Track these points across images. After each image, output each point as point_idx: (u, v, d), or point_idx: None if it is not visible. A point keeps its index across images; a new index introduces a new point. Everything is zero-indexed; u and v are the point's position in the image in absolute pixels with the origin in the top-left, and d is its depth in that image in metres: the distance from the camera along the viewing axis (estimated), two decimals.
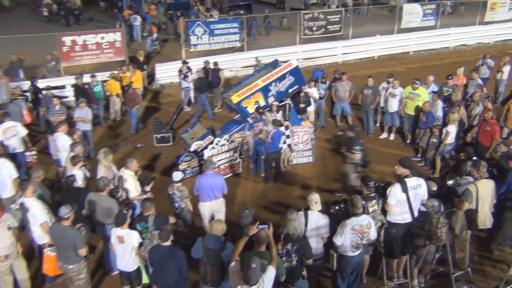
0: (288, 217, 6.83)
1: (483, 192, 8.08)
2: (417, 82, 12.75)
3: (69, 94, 16.43)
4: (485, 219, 8.24)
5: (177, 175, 8.67)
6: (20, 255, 7.71)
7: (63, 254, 7.28)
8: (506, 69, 15.81)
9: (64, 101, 15.54)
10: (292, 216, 6.83)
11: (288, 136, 11.84)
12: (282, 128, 11.48)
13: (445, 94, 13.15)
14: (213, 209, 8.97)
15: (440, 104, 12.35)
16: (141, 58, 17.65)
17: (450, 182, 8.37)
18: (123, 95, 14.96)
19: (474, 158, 9.57)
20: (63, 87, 16.97)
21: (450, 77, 13.65)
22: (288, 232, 6.78)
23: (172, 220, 7.92)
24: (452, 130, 11.33)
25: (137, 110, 14.48)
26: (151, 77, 19.14)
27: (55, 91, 15.16)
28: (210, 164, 8.97)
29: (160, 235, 6.78)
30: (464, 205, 7.90)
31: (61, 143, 10.59)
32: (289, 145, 12.04)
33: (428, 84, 13.51)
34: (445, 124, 11.74)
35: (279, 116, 12.05)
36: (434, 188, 7.90)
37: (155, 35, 23.55)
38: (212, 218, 9.01)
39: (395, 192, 7.30)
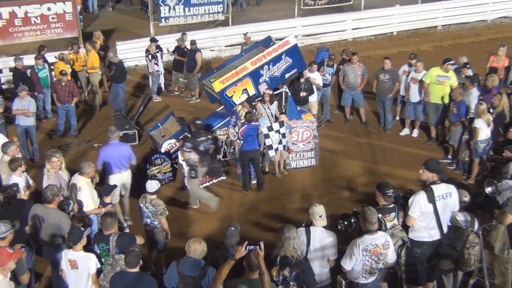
0: (286, 235, 6.83)
1: None
2: (451, 62, 12.84)
3: (7, 80, 16.32)
4: None
5: (152, 185, 8.64)
6: None
7: None
8: None
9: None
10: (291, 233, 6.83)
11: (284, 135, 11.90)
12: (274, 128, 11.62)
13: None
14: (123, 181, 10.11)
15: (475, 92, 12.40)
16: (99, 42, 17.25)
17: (488, 190, 8.40)
18: (52, 86, 14.34)
19: None
20: None
21: (468, 65, 13.56)
22: (285, 254, 6.80)
23: (139, 240, 7.91)
24: (480, 125, 11.38)
25: (75, 105, 14.36)
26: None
27: None
28: (113, 133, 10.17)
29: (128, 260, 6.74)
30: (506, 218, 7.95)
31: None
32: (285, 146, 12.09)
33: (461, 67, 13.61)
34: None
35: (273, 107, 12.09)
36: (466, 198, 7.96)
37: (78, 7, 23.09)
38: (120, 196, 9.98)
39: (419, 203, 7.35)
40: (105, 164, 10.00)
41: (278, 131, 11.81)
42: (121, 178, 10.14)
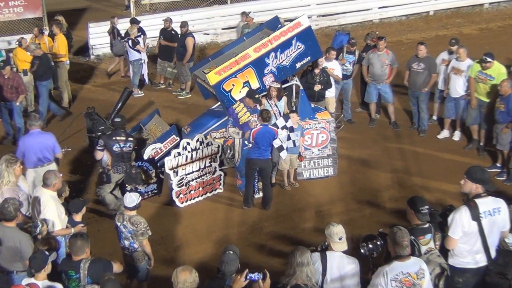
0: (299, 260, 6.81)
1: None
2: (488, 58, 12.77)
3: None
4: None
5: (131, 199, 8.64)
6: None
7: None
8: None
9: None
10: (304, 258, 6.80)
11: (291, 129, 11.84)
12: (278, 124, 11.63)
13: None
14: None
15: None
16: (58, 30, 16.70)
17: None
18: None
19: None
20: None
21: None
22: (297, 282, 6.80)
23: (116, 268, 7.91)
24: None
25: (21, 104, 14.34)
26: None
27: None
28: (36, 120, 10.80)
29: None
30: None
31: None
32: (295, 142, 12.03)
33: None
34: None
35: (281, 104, 12.10)
36: None
37: None
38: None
39: (460, 221, 7.34)
40: (26, 156, 10.36)
41: (285, 127, 11.80)
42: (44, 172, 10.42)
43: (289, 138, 11.88)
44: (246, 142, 11.40)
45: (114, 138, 10.93)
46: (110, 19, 17.72)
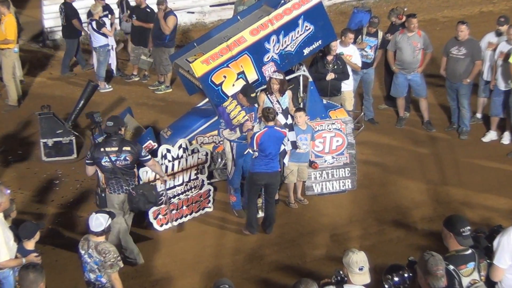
0: None
1: None
2: None
3: None
4: None
5: (98, 222, 8.60)
6: None
7: None
8: None
9: None
10: None
11: (291, 127, 11.89)
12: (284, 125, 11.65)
13: None
14: None
15: None
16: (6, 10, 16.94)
17: None
18: None
19: None
20: None
21: None
22: None
23: None
24: None
25: None
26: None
27: None
28: None
29: None
30: None
31: None
32: (295, 143, 11.97)
33: None
34: None
35: (284, 100, 12.14)
36: None
37: None
38: None
39: (508, 245, 7.38)
40: None
41: (285, 124, 11.86)
42: None
43: (294, 143, 11.89)
44: (250, 150, 11.29)
45: (102, 149, 10.31)
46: None
